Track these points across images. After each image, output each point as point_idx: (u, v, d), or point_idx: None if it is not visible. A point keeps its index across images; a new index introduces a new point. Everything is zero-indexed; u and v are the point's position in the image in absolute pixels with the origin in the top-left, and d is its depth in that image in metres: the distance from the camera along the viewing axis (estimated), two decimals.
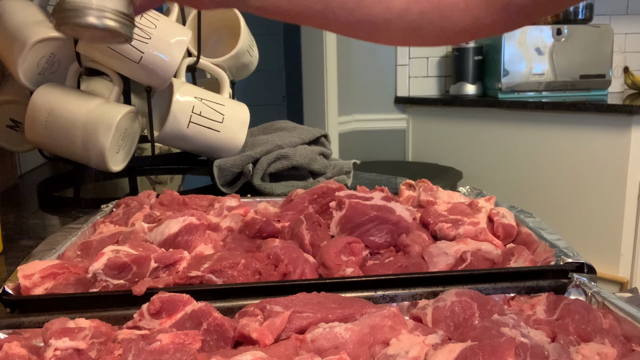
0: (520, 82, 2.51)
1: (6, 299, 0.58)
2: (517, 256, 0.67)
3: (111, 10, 0.59)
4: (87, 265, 0.61)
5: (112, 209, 0.89)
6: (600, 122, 2.26)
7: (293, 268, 0.63)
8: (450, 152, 2.73)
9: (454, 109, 2.71)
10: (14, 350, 0.48)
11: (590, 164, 2.29)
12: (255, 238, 0.76)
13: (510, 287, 0.61)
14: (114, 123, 1.02)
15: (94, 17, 0.58)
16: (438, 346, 0.48)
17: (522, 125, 2.48)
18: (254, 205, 0.87)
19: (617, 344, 0.49)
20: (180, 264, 0.63)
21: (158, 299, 0.53)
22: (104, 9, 0.58)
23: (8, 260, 0.82)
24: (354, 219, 0.70)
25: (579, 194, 2.34)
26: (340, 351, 0.46)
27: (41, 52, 1.04)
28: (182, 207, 0.87)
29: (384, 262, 0.67)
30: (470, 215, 0.76)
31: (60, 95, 1.03)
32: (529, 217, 0.79)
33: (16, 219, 1.03)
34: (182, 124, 1.07)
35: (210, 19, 1.25)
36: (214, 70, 1.20)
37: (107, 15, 0.58)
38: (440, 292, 0.58)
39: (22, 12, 1.07)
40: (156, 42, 1.01)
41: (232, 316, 0.53)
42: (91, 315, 0.54)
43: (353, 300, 0.55)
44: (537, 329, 0.51)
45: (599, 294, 0.57)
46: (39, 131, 1.04)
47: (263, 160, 1.11)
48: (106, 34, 0.61)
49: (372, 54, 2.86)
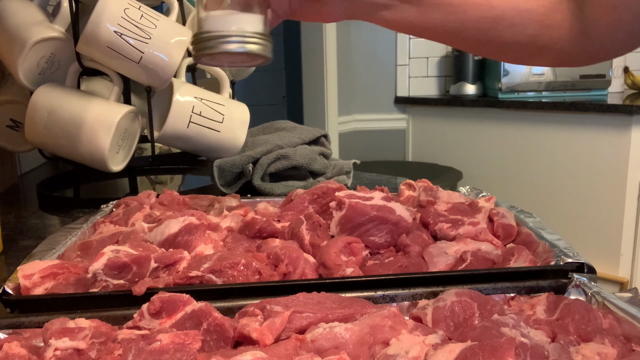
0: (520, 82, 2.51)
1: (6, 299, 0.58)
2: (517, 256, 0.67)
3: (251, 34, 0.58)
4: (87, 265, 0.61)
5: (112, 209, 0.89)
6: (600, 122, 2.26)
7: (293, 268, 0.63)
8: (450, 152, 2.73)
9: (454, 109, 2.71)
10: (14, 350, 0.48)
11: (590, 164, 2.29)
12: (255, 238, 0.76)
13: (510, 287, 0.61)
14: (114, 123, 1.02)
15: (236, 43, 0.58)
16: (438, 346, 0.48)
17: (522, 125, 2.48)
18: (254, 205, 0.87)
19: (617, 344, 0.49)
20: (180, 264, 0.63)
21: (158, 299, 0.53)
22: (244, 34, 0.58)
23: (8, 260, 0.82)
24: (354, 219, 0.70)
25: (579, 194, 2.34)
26: (340, 351, 0.46)
27: (41, 52, 1.04)
28: (182, 207, 0.87)
29: (384, 262, 0.67)
30: (470, 215, 0.76)
31: (60, 95, 1.03)
32: (529, 217, 0.79)
33: (16, 219, 1.03)
34: (182, 124, 1.07)
35: None
36: (214, 70, 1.20)
37: (248, 40, 0.58)
38: (440, 292, 0.58)
39: (22, 12, 1.07)
40: (156, 42, 1.01)
41: (232, 316, 0.53)
42: (91, 315, 0.54)
43: (353, 300, 0.55)
44: (537, 329, 0.51)
45: (599, 294, 0.57)
46: (39, 131, 1.04)
47: (263, 160, 1.11)
48: (248, 57, 0.60)
49: (372, 54, 2.86)
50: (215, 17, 0.59)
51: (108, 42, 0.98)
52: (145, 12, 1.02)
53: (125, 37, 0.99)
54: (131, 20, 0.99)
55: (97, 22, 0.97)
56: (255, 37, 0.58)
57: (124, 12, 0.98)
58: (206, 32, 0.58)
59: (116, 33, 0.98)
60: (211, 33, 0.58)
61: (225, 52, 0.58)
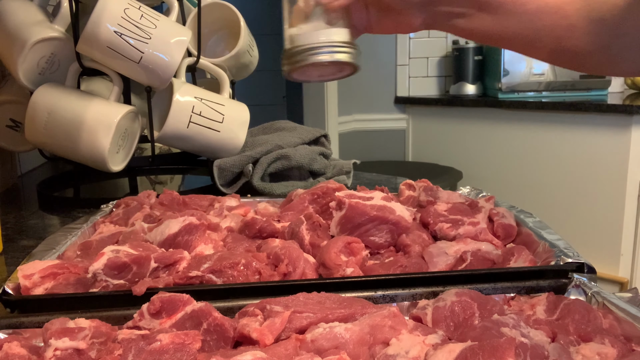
0: (520, 82, 2.51)
1: (6, 299, 0.58)
2: (517, 256, 0.67)
3: (339, 43, 0.59)
4: (87, 265, 0.61)
5: (112, 209, 0.89)
6: (600, 122, 2.26)
7: (293, 268, 0.63)
8: (450, 152, 2.73)
9: (454, 109, 2.71)
10: (14, 350, 0.48)
11: (590, 164, 2.29)
12: (255, 238, 0.76)
13: (510, 287, 0.61)
14: (114, 123, 1.02)
15: (327, 53, 0.59)
16: (438, 346, 0.48)
17: (522, 125, 2.48)
18: (254, 205, 0.87)
19: (617, 344, 0.49)
20: (180, 264, 0.63)
21: (158, 299, 0.53)
22: (332, 43, 0.59)
23: (8, 260, 0.82)
24: (354, 219, 0.70)
25: (579, 194, 2.34)
26: (340, 351, 0.46)
27: (41, 52, 1.04)
28: (182, 207, 0.87)
29: (384, 262, 0.67)
30: (470, 215, 0.76)
31: (60, 95, 1.03)
32: (529, 217, 0.79)
33: (16, 219, 1.03)
34: (182, 124, 1.07)
35: (210, 19, 1.25)
36: (214, 70, 1.20)
37: (337, 49, 0.59)
38: (440, 292, 0.58)
39: (22, 12, 1.07)
40: (156, 42, 1.01)
41: (232, 316, 0.53)
42: (91, 315, 0.54)
43: (353, 300, 0.55)
44: (537, 329, 0.51)
45: (599, 294, 0.57)
46: (39, 131, 1.04)
47: (263, 160, 1.11)
48: (336, 68, 0.61)
49: (372, 54, 2.85)
50: (302, 32, 0.60)
51: (108, 42, 0.98)
52: (145, 12, 1.02)
53: (125, 37, 0.99)
54: (131, 20, 0.99)
55: (97, 22, 0.97)
56: (344, 45, 0.59)
57: (124, 12, 0.98)
58: (295, 47, 0.59)
59: (116, 33, 0.98)
60: (300, 47, 0.59)
61: (316, 63, 0.59)
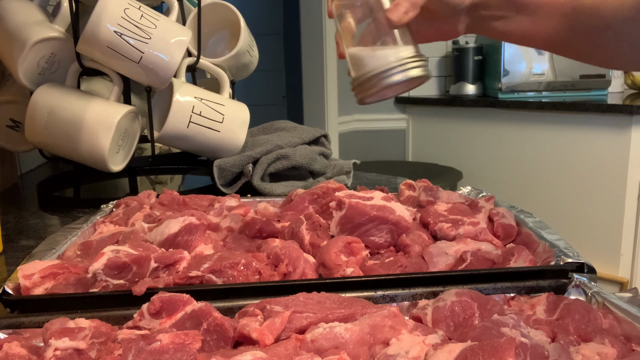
0: (520, 82, 2.51)
1: (6, 299, 0.58)
2: (517, 256, 0.67)
3: (409, 60, 0.59)
4: (87, 265, 0.61)
5: (112, 209, 0.89)
6: (600, 122, 2.26)
7: (293, 268, 0.63)
8: (450, 152, 2.73)
9: (454, 109, 2.71)
10: (14, 350, 0.48)
11: (590, 164, 2.29)
12: (255, 238, 0.76)
13: (510, 287, 0.61)
14: (114, 123, 1.02)
15: (399, 73, 0.59)
16: (438, 346, 0.48)
17: (522, 125, 2.48)
18: (254, 205, 0.87)
19: (617, 344, 0.49)
20: (180, 264, 0.63)
21: (158, 299, 0.53)
22: (403, 61, 0.59)
23: (8, 260, 0.82)
24: (354, 219, 0.69)
25: (579, 194, 2.34)
26: (340, 351, 0.46)
27: (41, 52, 1.04)
28: (182, 207, 0.87)
29: (384, 262, 0.67)
30: (470, 215, 0.76)
31: (60, 95, 1.03)
32: (529, 217, 0.79)
33: (16, 219, 1.03)
34: (182, 124, 1.07)
35: (210, 19, 1.25)
36: (214, 70, 1.20)
37: (409, 67, 0.59)
38: (440, 292, 0.58)
39: (22, 12, 1.07)
40: (156, 42, 1.01)
41: (232, 316, 0.53)
42: (91, 315, 0.54)
43: (353, 300, 0.55)
44: (537, 329, 0.51)
45: (599, 294, 0.57)
46: (39, 131, 1.04)
47: (263, 160, 1.11)
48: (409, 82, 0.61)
49: None
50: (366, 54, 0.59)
51: (108, 42, 0.98)
52: (145, 12, 1.02)
53: (125, 37, 0.99)
54: (131, 20, 0.99)
55: (97, 22, 0.97)
56: (413, 60, 0.59)
57: (124, 12, 0.98)
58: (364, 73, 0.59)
59: (116, 33, 0.98)
60: (370, 73, 0.59)
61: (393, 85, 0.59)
